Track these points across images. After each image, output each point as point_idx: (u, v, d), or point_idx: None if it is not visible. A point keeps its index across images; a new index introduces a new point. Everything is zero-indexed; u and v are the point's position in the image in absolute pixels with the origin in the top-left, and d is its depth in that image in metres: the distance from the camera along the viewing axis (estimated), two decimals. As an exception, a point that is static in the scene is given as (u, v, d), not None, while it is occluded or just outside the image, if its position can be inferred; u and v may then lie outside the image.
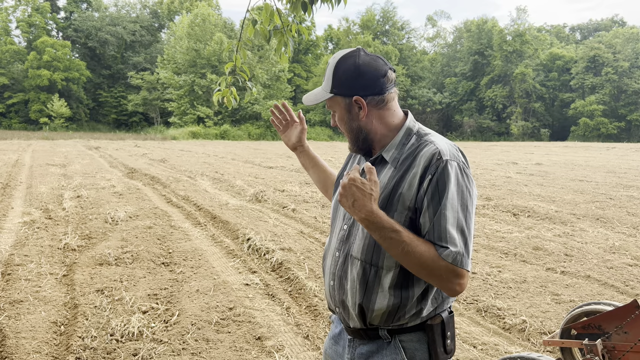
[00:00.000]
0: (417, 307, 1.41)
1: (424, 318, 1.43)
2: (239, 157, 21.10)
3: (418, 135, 1.48)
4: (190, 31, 50.10)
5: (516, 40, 56.33)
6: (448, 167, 1.35)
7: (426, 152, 1.39)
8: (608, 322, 2.46)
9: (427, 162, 1.36)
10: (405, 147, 1.46)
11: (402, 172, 1.40)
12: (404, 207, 1.37)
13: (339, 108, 1.50)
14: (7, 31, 53.99)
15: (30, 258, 5.34)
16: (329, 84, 1.49)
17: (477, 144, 44.53)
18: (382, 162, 1.48)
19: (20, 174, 13.26)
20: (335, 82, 1.47)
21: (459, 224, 1.33)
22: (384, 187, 1.41)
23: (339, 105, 1.49)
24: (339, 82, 1.46)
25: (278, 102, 2.03)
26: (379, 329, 1.45)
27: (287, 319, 3.93)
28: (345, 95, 1.47)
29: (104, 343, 3.41)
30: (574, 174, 15.01)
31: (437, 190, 1.34)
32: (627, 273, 5.07)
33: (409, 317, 1.41)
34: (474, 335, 3.66)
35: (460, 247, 1.32)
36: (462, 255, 1.32)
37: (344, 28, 60.72)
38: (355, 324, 1.47)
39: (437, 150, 1.38)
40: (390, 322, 1.42)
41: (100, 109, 57.75)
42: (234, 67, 2.86)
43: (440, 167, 1.35)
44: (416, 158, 1.40)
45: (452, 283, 1.33)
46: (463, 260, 1.31)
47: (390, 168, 1.44)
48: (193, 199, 9.37)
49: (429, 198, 1.34)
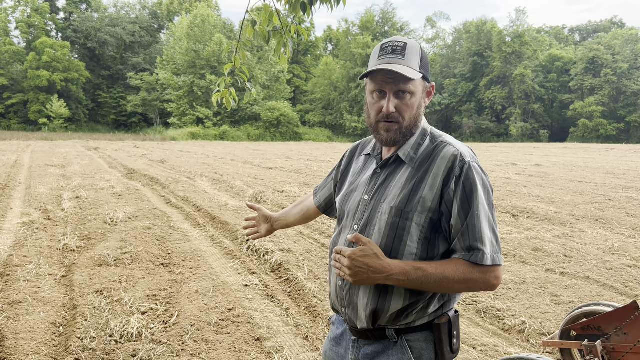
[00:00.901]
0: (425, 304, 1.41)
1: (431, 316, 1.43)
2: (238, 158, 21.09)
3: (432, 137, 1.48)
4: (190, 32, 50.11)
5: (515, 42, 56.36)
6: (472, 169, 1.37)
7: (446, 153, 1.39)
8: (608, 323, 2.46)
9: (449, 164, 1.37)
10: (421, 147, 1.45)
11: (422, 173, 1.40)
12: (425, 209, 1.38)
13: (418, 91, 1.43)
14: (6, 32, 53.97)
15: (29, 259, 5.33)
16: (416, 63, 1.40)
17: (476, 145, 44.54)
18: (397, 162, 1.48)
19: (19, 174, 13.24)
20: (422, 63, 1.42)
21: (491, 224, 1.37)
22: (403, 187, 1.41)
23: (418, 88, 1.43)
24: (425, 64, 1.43)
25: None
26: (385, 329, 1.44)
27: (287, 319, 3.92)
28: (427, 79, 1.46)
29: (103, 344, 3.40)
30: (573, 175, 15.01)
31: (465, 192, 1.35)
32: (627, 274, 5.07)
33: (416, 314, 1.41)
34: (474, 337, 3.65)
35: (495, 246, 1.37)
36: (496, 252, 1.36)
37: (344, 29, 60.72)
38: (363, 325, 1.46)
39: (458, 152, 1.39)
40: (398, 321, 1.42)
41: (99, 110, 57.73)
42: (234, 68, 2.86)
43: (465, 170, 1.36)
44: (435, 159, 1.40)
45: (492, 280, 1.37)
46: (498, 257, 1.36)
47: (407, 168, 1.44)
48: (192, 199, 9.36)
49: (458, 201, 1.35)
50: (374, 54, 1.45)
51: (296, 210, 1.96)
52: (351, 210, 1.52)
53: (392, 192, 1.42)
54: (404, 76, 1.35)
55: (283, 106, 50.09)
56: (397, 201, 1.39)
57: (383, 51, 1.42)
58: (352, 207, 1.52)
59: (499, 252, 1.37)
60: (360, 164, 1.63)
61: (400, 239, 1.38)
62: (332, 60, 57.89)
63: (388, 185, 1.45)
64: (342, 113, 54.33)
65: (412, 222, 1.37)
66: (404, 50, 1.39)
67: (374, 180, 1.50)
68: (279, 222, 1.97)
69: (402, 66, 1.37)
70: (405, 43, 1.41)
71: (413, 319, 1.42)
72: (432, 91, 1.49)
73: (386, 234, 1.39)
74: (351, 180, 1.61)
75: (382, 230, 1.40)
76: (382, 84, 1.40)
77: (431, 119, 55.79)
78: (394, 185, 1.43)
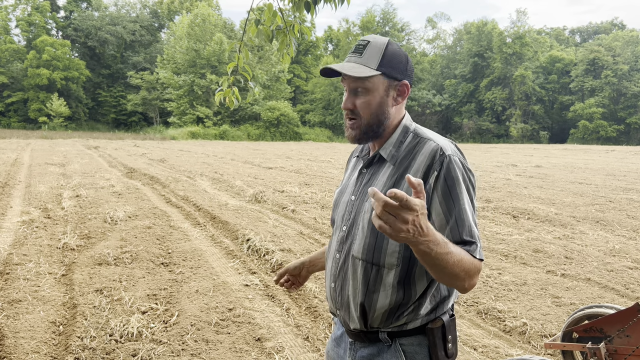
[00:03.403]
0: (416, 304, 1.40)
1: (424, 320, 1.41)
2: (239, 158, 21.08)
3: (415, 134, 1.46)
4: (190, 31, 50.10)
5: (516, 43, 56.39)
6: (453, 163, 1.35)
7: (427, 148, 1.38)
8: (610, 325, 2.45)
9: (430, 159, 1.35)
10: (403, 145, 1.44)
11: (403, 169, 1.39)
12: None
13: (375, 89, 1.41)
14: (6, 30, 53.96)
15: (29, 257, 5.32)
16: (373, 61, 1.40)
17: (476, 145, 44.55)
18: (379, 161, 1.47)
19: (19, 173, 13.23)
20: (384, 61, 1.40)
21: (474, 218, 1.35)
22: (384, 185, 1.40)
23: (377, 85, 1.41)
24: (388, 62, 1.41)
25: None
26: (379, 331, 1.43)
27: (287, 320, 3.91)
28: (392, 77, 1.42)
29: (103, 343, 3.39)
30: (573, 177, 15.01)
31: (447, 186, 1.33)
32: (628, 276, 5.06)
33: (408, 315, 1.39)
34: (475, 338, 3.65)
35: (480, 240, 1.34)
36: (481, 247, 1.34)
37: (344, 29, 60.78)
38: (355, 326, 1.45)
39: (439, 146, 1.37)
40: (390, 322, 1.40)
41: (99, 109, 57.72)
42: (236, 66, 2.85)
43: (445, 163, 1.34)
44: (416, 156, 1.39)
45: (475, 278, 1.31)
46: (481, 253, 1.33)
47: (389, 166, 1.43)
48: (192, 199, 9.35)
49: (440, 195, 1.33)
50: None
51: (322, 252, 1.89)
52: (340, 212, 1.53)
53: None
54: (347, 75, 1.38)
55: (283, 106, 50.08)
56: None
57: (351, 50, 1.46)
58: (341, 209, 1.53)
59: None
60: (352, 166, 1.65)
61: (383, 236, 1.37)
62: (332, 60, 57.88)
63: (371, 184, 1.45)
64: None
65: None
66: (365, 48, 1.41)
67: (359, 180, 1.51)
68: (314, 265, 1.87)
69: (352, 64, 1.39)
70: (369, 41, 1.42)
71: (405, 321, 1.40)
72: (404, 89, 1.45)
73: (369, 233, 1.39)
74: (343, 185, 1.62)
75: (365, 229, 1.40)
76: (343, 80, 1.44)
77: (431, 120, 55.80)
78: (376, 184, 1.43)
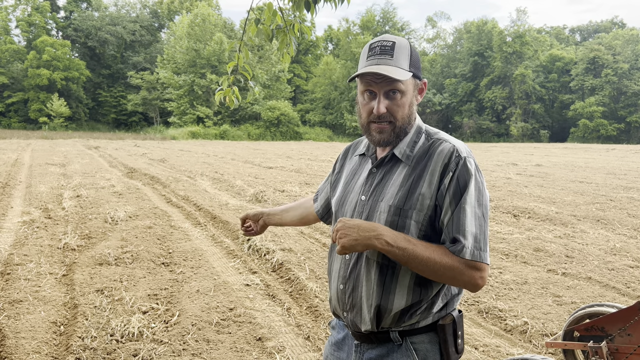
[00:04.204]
0: (429, 303, 1.40)
1: (435, 317, 1.41)
2: (239, 157, 21.08)
3: (428, 134, 1.47)
4: (190, 31, 50.09)
5: (516, 42, 56.36)
6: (467, 164, 1.36)
7: (443, 149, 1.39)
8: (611, 324, 2.45)
9: (446, 160, 1.36)
10: (417, 145, 1.45)
11: (420, 170, 1.39)
12: (424, 206, 1.36)
13: (408, 90, 1.41)
14: (6, 30, 53.95)
15: (29, 258, 5.32)
16: (405, 62, 1.38)
17: (476, 145, 44.53)
18: (393, 160, 1.46)
19: (19, 173, 13.23)
20: (412, 62, 1.40)
21: (478, 220, 1.34)
22: (401, 186, 1.40)
23: (409, 87, 1.41)
24: (414, 62, 1.41)
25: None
26: (389, 331, 1.42)
27: (288, 319, 3.91)
28: (417, 77, 1.44)
29: (104, 343, 3.39)
30: (574, 176, 15.00)
31: (458, 186, 1.34)
32: (629, 275, 5.06)
33: (420, 314, 1.39)
34: (476, 337, 3.64)
35: (479, 242, 1.33)
36: (479, 249, 1.33)
37: (344, 29, 60.72)
38: (367, 327, 1.43)
39: (455, 147, 1.38)
40: (402, 322, 1.40)
41: (99, 109, 57.74)
42: (236, 66, 2.85)
43: (460, 164, 1.35)
44: (432, 156, 1.39)
45: (477, 279, 1.33)
46: (481, 254, 1.33)
47: (405, 166, 1.43)
48: (193, 199, 9.35)
49: (450, 195, 1.34)
50: (363, 53, 1.43)
51: (296, 213, 1.94)
52: (348, 212, 1.50)
53: (389, 191, 1.41)
54: (392, 78, 1.34)
55: (283, 105, 50.07)
56: (395, 199, 1.38)
57: (372, 51, 1.40)
58: (349, 208, 1.50)
59: (483, 249, 1.33)
60: (354, 164, 1.61)
61: None
62: (332, 60, 57.87)
63: (385, 184, 1.43)
64: (342, 112, 54.31)
65: (411, 219, 1.36)
66: (392, 49, 1.38)
67: (370, 180, 1.49)
68: (271, 217, 1.96)
69: (390, 67, 1.36)
70: (394, 42, 1.39)
71: (417, 320, 1.40)
72: (423, 88, 1.48)
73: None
74: (346, 182, 1.59)
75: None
76: (372, 84, 1.38)
77: (431, 119, 55.79)
78: (391, 184, 1.42)
